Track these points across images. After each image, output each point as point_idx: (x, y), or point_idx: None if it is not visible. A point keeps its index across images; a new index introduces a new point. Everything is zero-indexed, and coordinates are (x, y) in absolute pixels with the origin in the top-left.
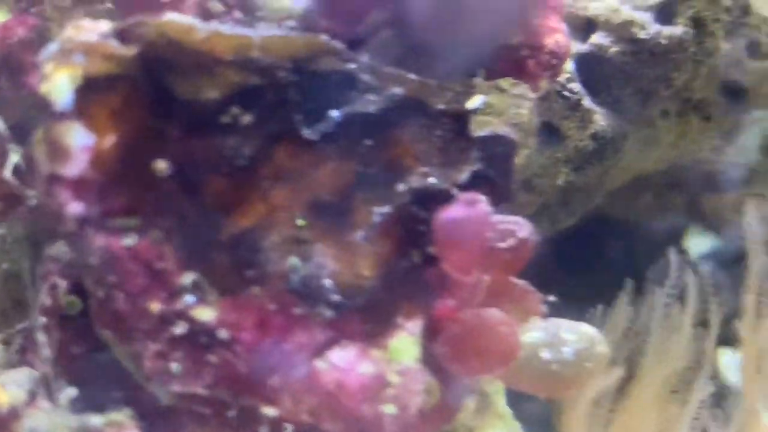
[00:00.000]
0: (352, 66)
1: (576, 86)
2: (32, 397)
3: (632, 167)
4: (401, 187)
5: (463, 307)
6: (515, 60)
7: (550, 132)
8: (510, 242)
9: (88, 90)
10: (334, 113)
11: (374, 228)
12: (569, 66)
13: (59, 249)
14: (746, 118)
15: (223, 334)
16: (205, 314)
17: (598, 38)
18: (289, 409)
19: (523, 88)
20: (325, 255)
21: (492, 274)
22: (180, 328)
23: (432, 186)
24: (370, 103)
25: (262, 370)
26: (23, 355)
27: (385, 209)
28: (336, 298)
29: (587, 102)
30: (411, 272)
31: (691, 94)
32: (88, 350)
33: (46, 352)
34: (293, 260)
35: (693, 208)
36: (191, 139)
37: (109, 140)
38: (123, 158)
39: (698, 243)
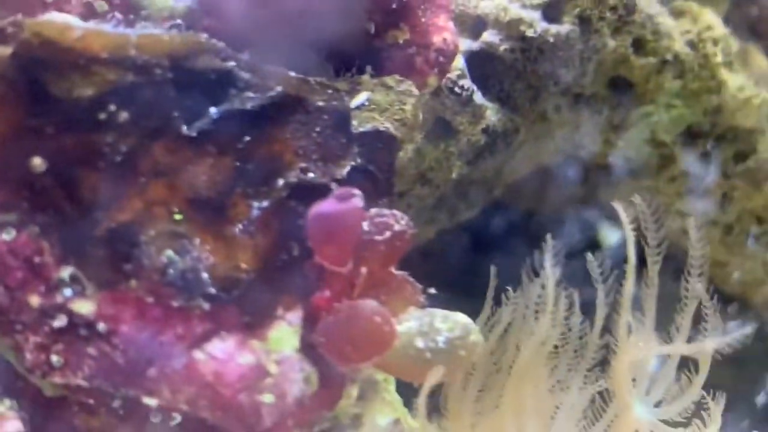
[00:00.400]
0: (231, 64)
1: (467, 83)
2: None
3: (529, 160)
4: (280, 182)
5: (339, 297)
6: (404, 57)
7: (442, 127)
8: (386, 235)
9: None
10: (212, 110)
11: (253, 222)
12: (460, 63)
13: None
14: (634, 113)
15: (101, 326)
16: (84, 307)
17: (488, 36)
18: (168, 399)
19: (408, 85)
20: (204, 249)
21: (369, 265)
22: (59, 321)
23: (311, 181)
24: (248, 101)
25: (140, 362)
26: None
27: (264, 203)
28: (213, 290)
29: (478, 98)
30: (290, 265)
31: (581, 90)
32: None
33: None
34: (169, 254)
35: (594, 200)
36: (67, 135)
37: None
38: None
39: (609, 235)
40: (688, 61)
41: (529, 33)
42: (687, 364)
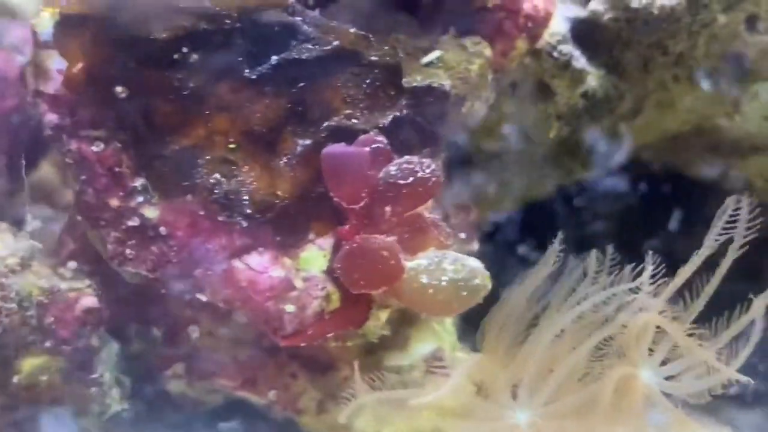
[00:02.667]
0: (297, 18)
1: (566, 48)
2: (25, 261)
3: (654, 127)
4: (326, 125)
5: (357, 231)
6: (493, 21)
7: (542, 89)
8: (409, 180)
9: (64, 26)
10: (273, 57)
11: (296, 157)
12: (563, 29)
13: None
14: (749, 89)
15: (162, 230)
16: (151, 212)
17: (594, 5)
18: (208, 296)
19: (482, 47)
20: (249, 175)
21: (393, 206)
22: (132, 222)
23: (351, 125)
24: (305, 51)
25: (190, 263)
26: None
27: (307, 142)
28: (249, 211)
29: (580, 63)
30: (324, 198)
31: (695, 62)
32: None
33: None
34: (217, 176)
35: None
36: (145, 70)
37: (78, 67)
38: (89, 81)
39: None
40: None
41: (634, 4)
42: None
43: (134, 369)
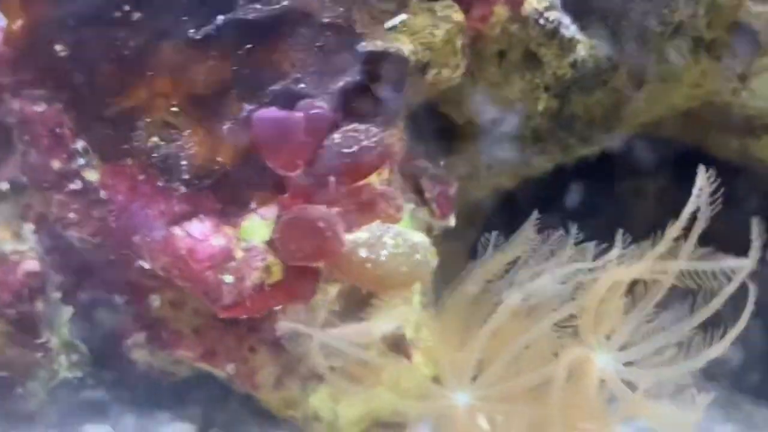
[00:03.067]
0: None
1: (554, 14)
2: None
3: (659, 102)
4: (272, 89)
5: (296, 200)
6: None
7: (529, 58)
8: (353, 148)
9: None
10: (219, 17)
11: (240, 122)
12: None
13: None
14: (758, 63)
15: (103, 193)
16: (91, 175)
17: None
18: (148, 264)
19: (452, 11)
20: (191, 139)
21: (337, 175)
22: (75, 185)
23: (300, 91)
24: (252, 11)
25: (129, 228)
26: None
27: (253, 106)
28: (187, 176)
29: (568, 31)
30: (268, 166)
31: (699, 33)
32: None
33: None
34: (155, 139)
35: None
36: (85, 28)
37: (18, 24)
38: (29, 39)
39: None
40: None
41: None
42: None
43: (96, 336)
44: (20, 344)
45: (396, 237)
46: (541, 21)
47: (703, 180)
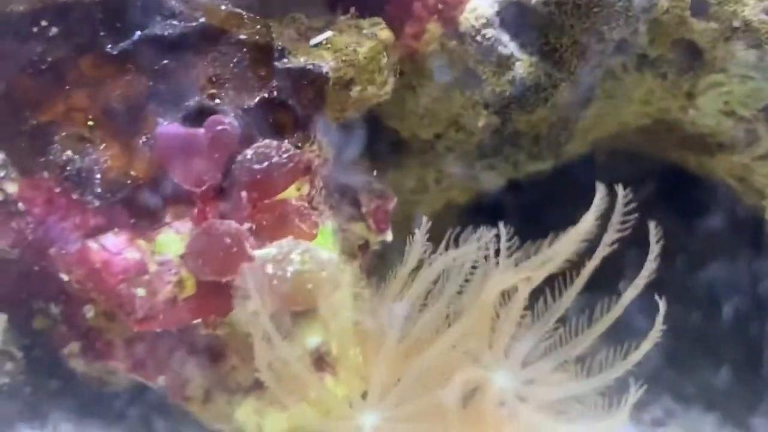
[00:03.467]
0: None
1: (490, 32)
2: None
3: (609, 118)
4: (187, 104)
5: (205, 215)
6: (400, 3)
7: (468, 75)
8: (263, 165)
9: None
10: (136, 33)
11: (155, 137)
12: (487, 12)
13: None
14: (703, 81)
15: (20, 206)
16: (11, 188)
17: None
18: (64, 276)
19: (378, 29)
20: (106, 153)
21: (249, 191)
22: None
23: (215, 106)
24: (169, 27)
25: (45, 240)
26: None
27: (167, 122)
28: (99, 190)
29: (508, 49)
30: None
31: (642, 51)
32: None
33: None
34: (69, 153)
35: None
36: (4, 42)
37: None
38: None
39: None
40: (763, 30)
41: None
42: None
43: (35, 345)
44: None
45: (303, 253)
46: (478, 38)
47: (599, 196)
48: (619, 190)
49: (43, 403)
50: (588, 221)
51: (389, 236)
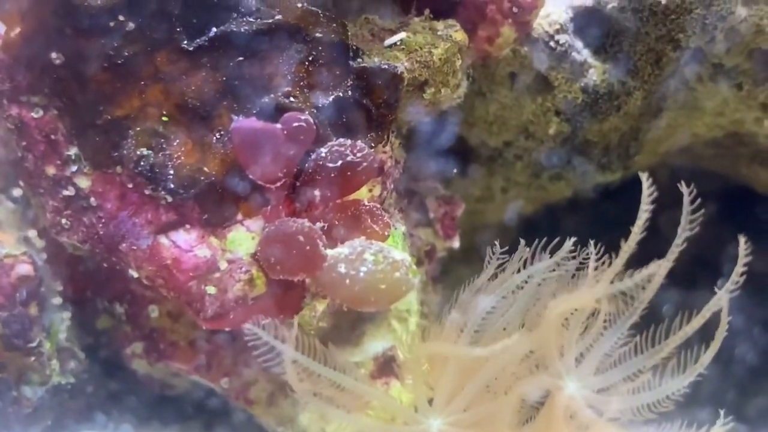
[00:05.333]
0: None
1: (564, 38)
2: None
3: (680, 129)
4: (262, 101)
5: (278, 213)
6: (476, 5)
7: (540, 81)
8: (338, 163)
9: None
10: (212, 29)
11: (229, 133)
12: (562, 17)
13: None
14: None
15: (93, 200)
16: (83, 182)
17: None
18: (134, 272)
19: (453, 31)
20: (179, 149)
21: (321, 189)
22: (68, 191)
23: (289, 104)
24: (246, 24)
25: (116, 236)
26: None
27: (240, 118)
28: (173, 185)
29: (579, 55)
30: None
31: (718, 60)
32: None
33: None
34: (143, 149)
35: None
36: (81, 37)
37: (16, 31)
38: (26, 47)
39: None
40: None
41: None
42: None
43: (98, 345)
44: (13, 348)
45: (377, 253)
46: (552, 44)
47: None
48: (683, 189)
49: (104, 404)
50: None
51: (456, 243)
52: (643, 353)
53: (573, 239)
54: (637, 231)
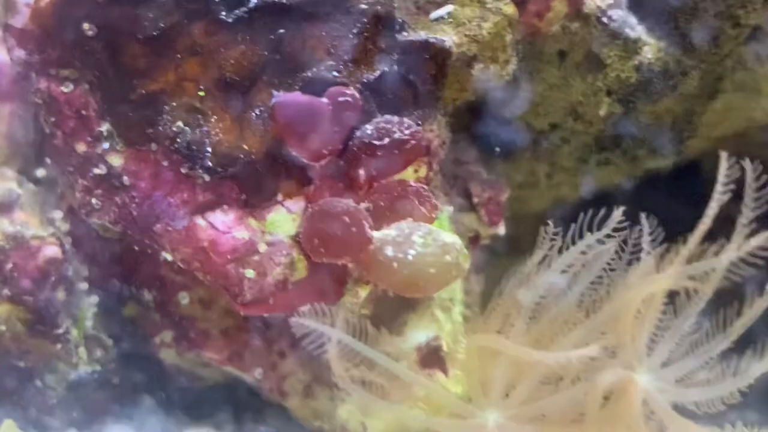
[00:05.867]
0: None
1: (617, 13)
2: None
3: (736, 113)
4: (304, 75)
5: (322, 193)
6: None
7: (591, 59)
8: (384, 141)
9: None
10: (252, 0)
11: (269, 109)
12: None
13: None
14: None
15: (125, 179)
16: (115, 160)
17: None
18: (169, 255)
19: (503, 4)
20: (217, 126)
21: (367, 168)
22: (99, 170)
23: (333, 79)
24: None
25: (150, 216)
26: None
27: (282, 93)
28: (210, 164)
29: (633, 31)
30: (295, 156)
31: None
32: None
33: None
34: (180, 124)
35: None
36: (114, 7)
37: (46, 1)
38: (57, 17)
39: None
40: None
41: None
42: None
43: (125, 333)
44: (39, 334)
45: (426, 236)
46: (604, 19)
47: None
48: (747, 165)
49: (132, 395)
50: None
51: (502, 229)
52: (715, 337)
53: (622, 208)
54: (712, 212)
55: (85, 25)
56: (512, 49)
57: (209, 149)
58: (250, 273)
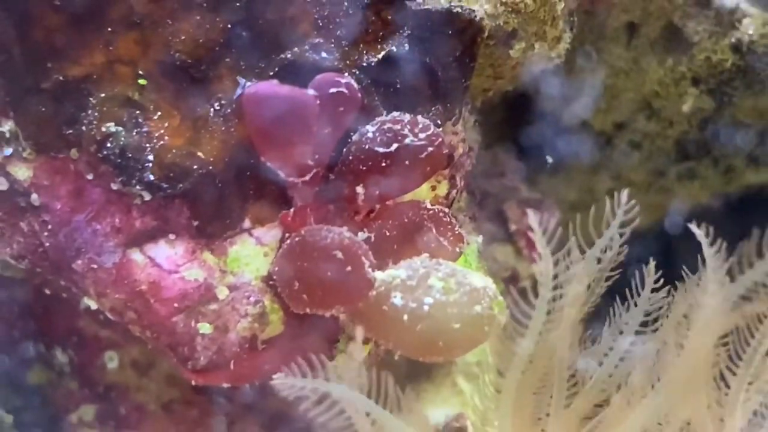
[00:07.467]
0: None
1: None
2: None
3: None
4: (281, 57)
5: (305, 219)
6: None
7: (672, 35)
8: (392, 148)
9: None
10: None
11: (233, 103)
12: None
13: None
14: None
15: (34, 198)
16: (21, 172)
17: None
18: (93, 301)
19: None
20: (162, 125)
21: (368, 186)
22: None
23: (320, 62)
24: None
25: (68, 249)
26: None
27: (251, 82)
28: (153, 177)
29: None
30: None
31: None
32: None
33: None
34: (112, 126)
35: None
36: None
37: None
38: None
39: None
40: None
41: None
42: None
43: (31, 406)
44: None
45: (447, 278)
46: None
47: None
48: None
49: None
50: None
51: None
52: None
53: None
54: None
55: None
56: (565, 21)
57: (151, 158)
58: (205, 328)
